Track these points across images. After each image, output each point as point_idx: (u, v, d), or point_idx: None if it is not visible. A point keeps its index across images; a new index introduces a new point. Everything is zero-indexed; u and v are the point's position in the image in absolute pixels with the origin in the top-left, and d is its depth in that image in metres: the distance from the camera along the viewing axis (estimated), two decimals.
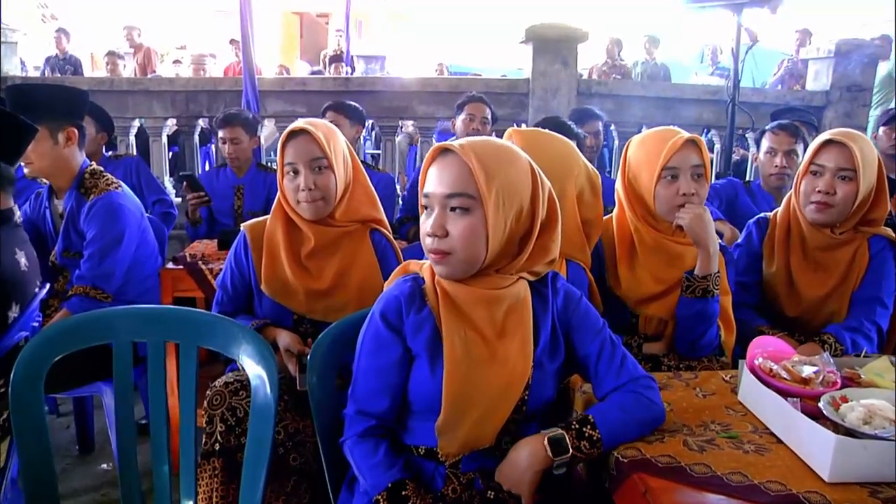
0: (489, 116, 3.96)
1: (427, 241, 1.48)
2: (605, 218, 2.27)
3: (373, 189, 2.32)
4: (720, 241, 2.21)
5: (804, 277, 2.34)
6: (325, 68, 9.91)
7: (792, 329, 2.33)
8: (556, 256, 1.58)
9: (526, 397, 1.52)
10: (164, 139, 5.52)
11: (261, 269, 2.21)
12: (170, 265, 3.13)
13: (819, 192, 2.22)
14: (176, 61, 10.45)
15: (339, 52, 10.28)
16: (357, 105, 4.08)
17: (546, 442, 1.44)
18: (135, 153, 5.54)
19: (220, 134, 3.94)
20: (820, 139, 2.25)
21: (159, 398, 1.73)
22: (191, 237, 3.87)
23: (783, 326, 2.33)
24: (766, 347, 1.71)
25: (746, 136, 5.51)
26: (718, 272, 2.05)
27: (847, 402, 1.51)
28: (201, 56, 8.50)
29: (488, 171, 1.43)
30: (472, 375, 1.48)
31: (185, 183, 3.69)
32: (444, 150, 1.48)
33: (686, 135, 2.04)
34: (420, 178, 1.53)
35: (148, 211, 4.16)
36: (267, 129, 5.56)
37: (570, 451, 1.43)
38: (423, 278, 1.58)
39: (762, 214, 2.49)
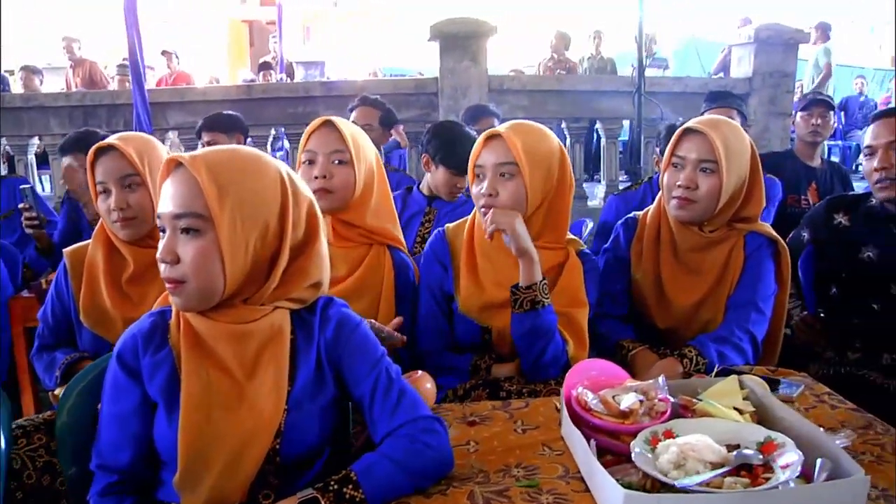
0: (376, 123, 3.70)
1: (160, 269, 1.27)
2: (456, 223, 2.10)
3: None
4: (583, 247, 2.01)
5: (675, 283, 2.10)
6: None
7: (663, 342, 2.09)
8: (322, 280, 1.36)
9: (278, 445, 1.29)
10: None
11: (80, 297, 2.03)
12: (24, 293, 2.91)
13: (679, 186, 2.00)
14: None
15: (275, 59, 10.02)
16: (234, 114, 3.83)
17: None
18: (34, 173, 5.28)
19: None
20: (682, 128, 2.03)
21: None
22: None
23: (653, 339, 2.10)
24: (589, 373, 1.48)
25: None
26: (545, 279, 1.84)
27: (672, 437, 1.29)
28: (125, 67, 8.09)
29: (221, 186, 1.22)
30: (212, 422, 1.26)
31: (25, 199, 3.18)
32: (178, 164, 1.25)
33: (493, 130, 1.88)
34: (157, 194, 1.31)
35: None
36: (168, 143, 5.30)
37: None
38: (171, 311, 1.35)
39: (631, 214, 2.25)
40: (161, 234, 1.28)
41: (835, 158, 8.72)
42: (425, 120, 4.86)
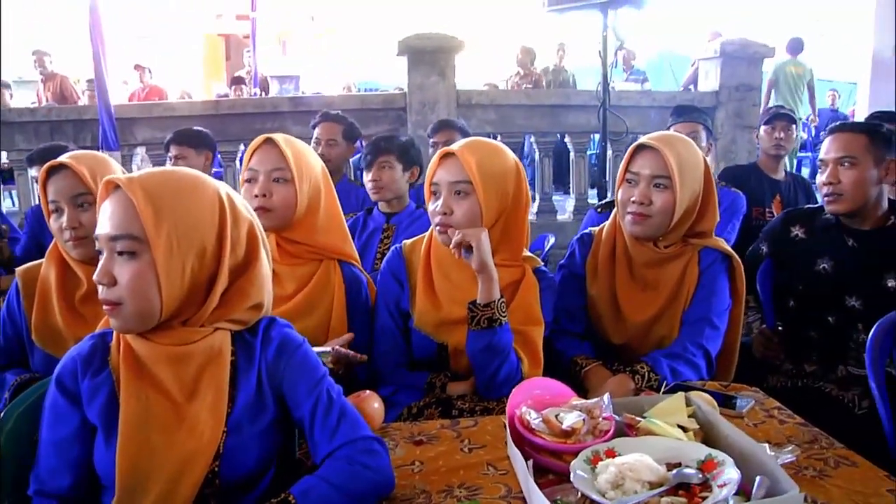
0: (339, 138, 3.71)
1: (98, 290, 1.26)
2: (413, 240, 2.10)
3: None
4: (540, 264, 2.01)
5: (630, 299, 2.10)
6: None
7: (619, 358, 2.07)
8: (264, 301, 1.36)
9: (217, 468, 1.27)
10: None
11: (32, 316, 2.01)
12: None
13: (634, 201, 2.00)
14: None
15: (248, 73, 9.99)
16: (203, 130, 3.83)
17: None
18: None
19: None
20: (635, 144, 2.04)
21: None
22: None
23: (609, 355, 2.09)
24: (533, 392, 1.47)
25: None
26: (503, 297, 1.83)
27: (614, 456, 1.28)
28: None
29: (158, 208, 1.21)
30: (150, 445, 1.25)
31: None
32: (116, 186, 1.24)
33: (447, 148, 1.88)
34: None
35: None
36: (139, 158, 5.27)
37: None
38: (112, 333, 1.34)
39: (587, 230, 2.26)
40: (99, 255, 1.26)
41: (805, 170, 8.82)
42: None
